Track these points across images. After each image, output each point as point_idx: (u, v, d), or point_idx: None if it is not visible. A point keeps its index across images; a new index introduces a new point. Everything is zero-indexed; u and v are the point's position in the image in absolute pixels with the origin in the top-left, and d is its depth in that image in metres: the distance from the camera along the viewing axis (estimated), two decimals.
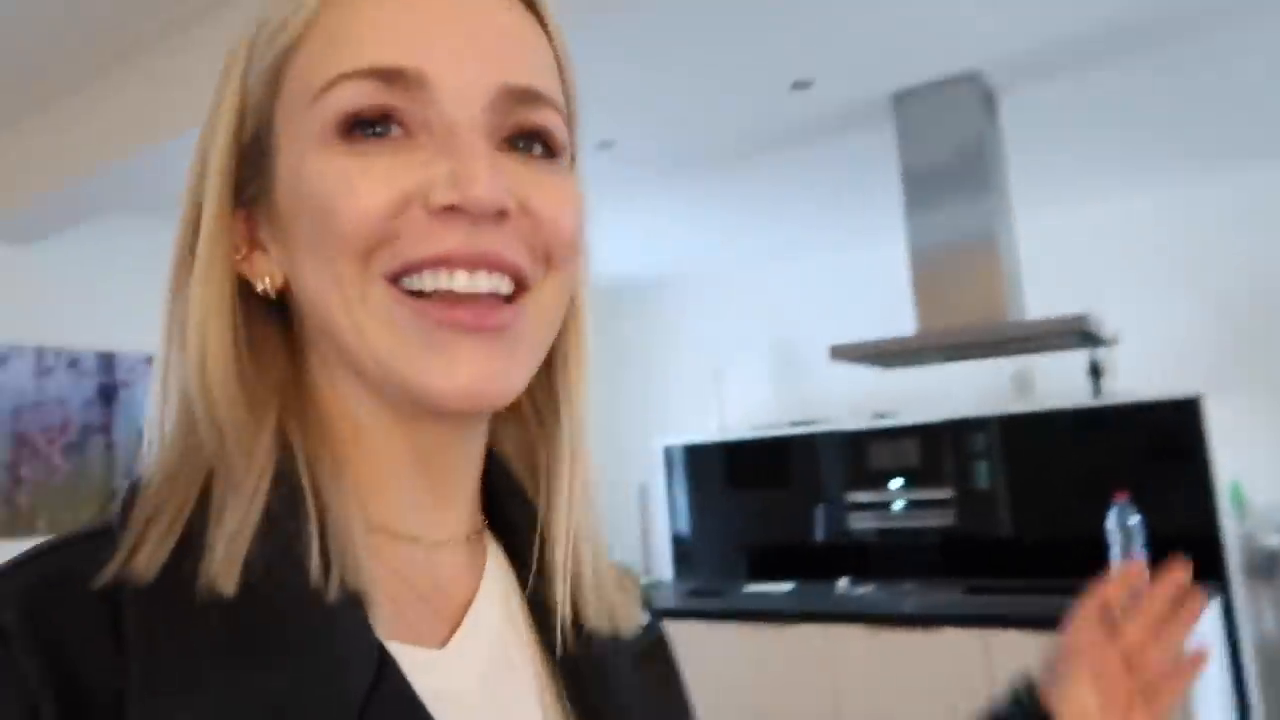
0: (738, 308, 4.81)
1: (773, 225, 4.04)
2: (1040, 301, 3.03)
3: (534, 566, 0.48)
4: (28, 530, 3.22)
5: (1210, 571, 3.27)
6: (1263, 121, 3.10)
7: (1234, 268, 3.63)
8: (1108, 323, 2.78)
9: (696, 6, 2.12)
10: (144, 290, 3.50)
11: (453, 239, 0.40)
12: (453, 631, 0.44)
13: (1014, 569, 3.70)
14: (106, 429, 3.48)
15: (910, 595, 3.46)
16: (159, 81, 2.43)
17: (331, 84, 0.40)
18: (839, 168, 3.31)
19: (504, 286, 0.41)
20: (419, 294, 0.40)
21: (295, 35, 0.42)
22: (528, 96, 0.42)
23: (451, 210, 0.39)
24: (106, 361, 3.49)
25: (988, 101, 2.70)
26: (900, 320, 2.95)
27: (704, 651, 3.39)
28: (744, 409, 4.69)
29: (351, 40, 0.41)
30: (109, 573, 0.36)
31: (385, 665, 0.38)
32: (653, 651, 0.53)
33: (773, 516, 4.38)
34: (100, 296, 3.48)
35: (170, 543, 0.37)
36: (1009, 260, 2.68)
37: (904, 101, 2.74)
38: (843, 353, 2.86)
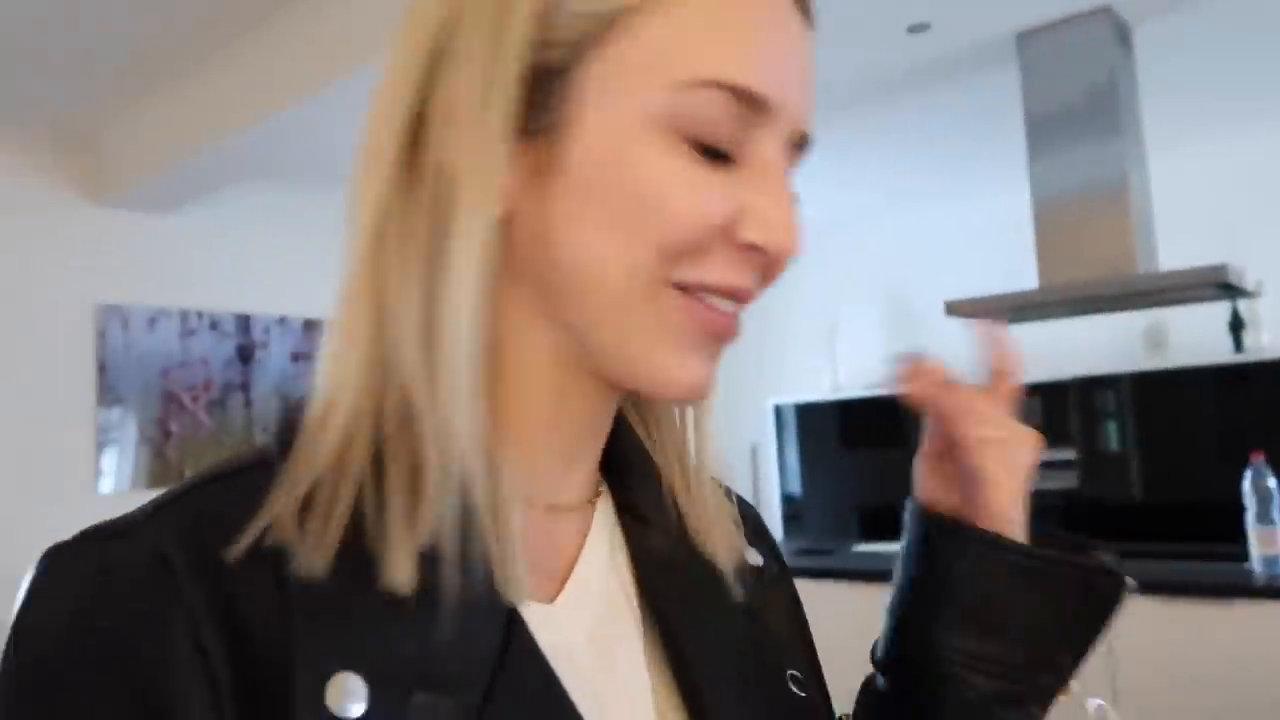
0: (852, 262, 4.72)
1: (887, 175, 3.93)
2: (1175, 251, 2.87)
3: (673, 519, 0.49)
4: (176, 481, 3.47)
5: None
6: None
7: None
8: (1250, 273, 2.61)
9: None
10: (277, 255, 3.68)
11: (747, 277, 0.42)
12: (561, 587, 0.45)
13: (1142, 534, 3.55)
14: (245, 387, 3.70)
15: None
16: (288, 48, 2.51)
17: (697, 84, 0.38)
18: (958, 113, 3.20)
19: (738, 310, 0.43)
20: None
21: None
22: (807, 145, 0.43)
23: (753, 247, 0.41)
24: (244, 323, 3.70)
25: (1121, 35, 2.55)
26: (1021, 273, 2.84)
27: (814, 610, 3.36)
28: (858, 366, 4.61)
29: (726, 38, 0.39)
30: (266, 517, 0.37)
31: (514, 624, 0.39)
32: (764, 594, 0.52)
33: (886, 477, 4.31)
34: (236, 260, 3.68)
35: (344, 519, 0.37)
36: (1141, 207, 2.54)
37: (1029, 41, 2.61)
38: (959, 308, 2.77)
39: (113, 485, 3.35)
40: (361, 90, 2.52)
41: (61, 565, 0.36)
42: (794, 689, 0.49)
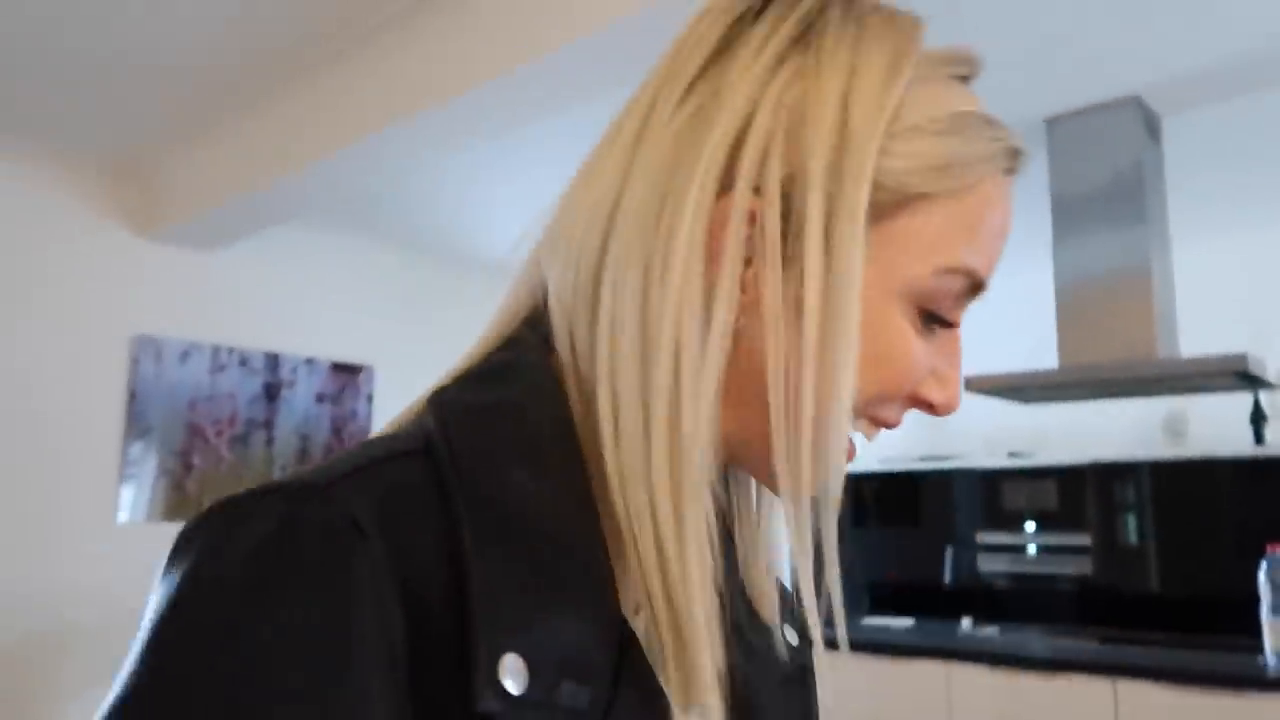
0: None
1: None
2: (1198, 339, 2.89)
3: (740, 584, 0.54)
4: (193, 514, 3.49)
5: None
6: None
7: None
8: (1271, 364, 2.62)
9: None
10: (309, 296, 3.73)
11: (902, 417, 0.48)
12: None
13: (1154, 623, 3.50)
14: (268, 424, 3.74)
15: (1036, 640, 3.33)
16: (343, 93, 2.57)
17: (952, 270, 0.44)
18: None
19: None
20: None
21: (965, 184, 0.44)
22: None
23: (929, 404, 0.47)
24: (272, 361, 3.76)
25: (1150, 125, 2.61)
26: (1042, 353, 2.87)
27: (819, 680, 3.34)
28: (873, 441, 4.61)
29: (980, 236, 0.45)
30: (450, 497, 0.40)
31: (625, 629, 0.42)
32: (800, 676, 0.57)
33: (900, 553, 4.28)
34: (271, 301, 3.76)
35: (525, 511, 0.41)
36: (1163, 293, 2.57)
37: (1058, 126, 2.68)
38: (979, 384, 2.80)
39: (129, 516, 3.38)
40: (417, 137, 2.59)
41: (243, 518, 0.37)
42: None
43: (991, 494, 4.03)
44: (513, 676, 0.37)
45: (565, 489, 0.42)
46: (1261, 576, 2.66)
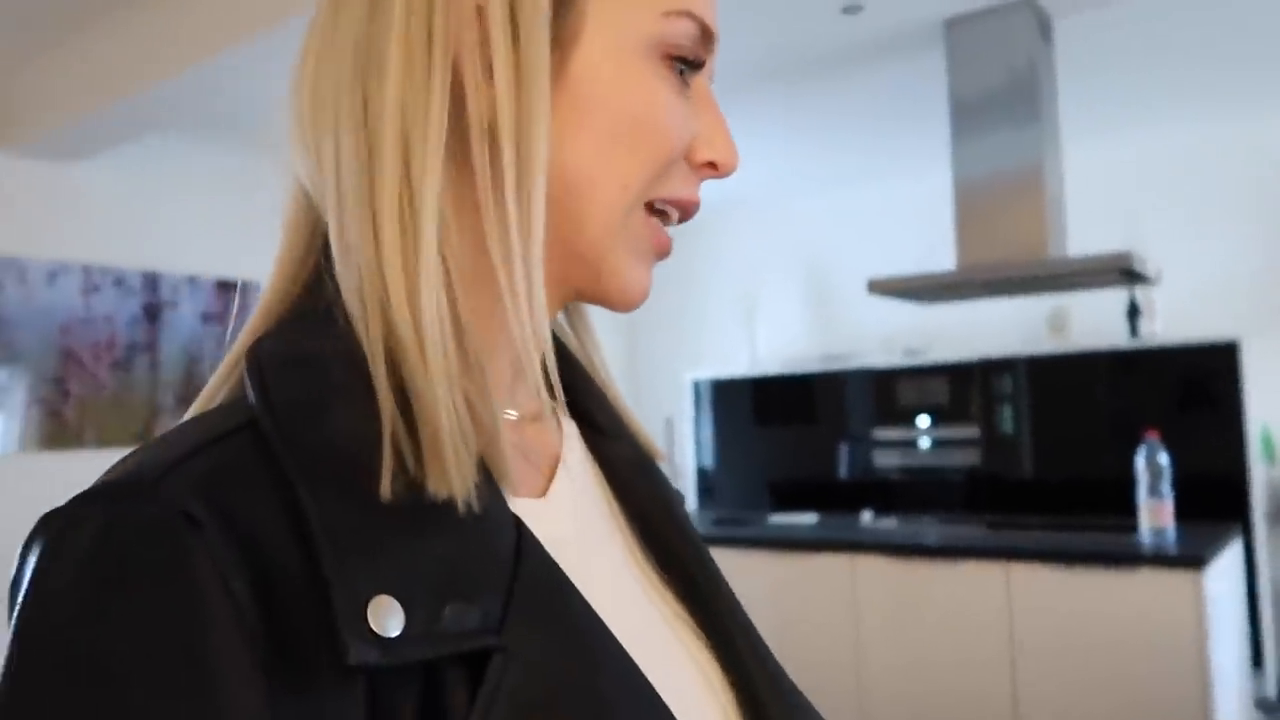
0: (774, 239, 4.78)
1: (815, 153, 3.99)
2: (1082, 236, 2.99)
3: (624, 428, 0.54)
4: (75, 443, 3.32)
5: (1234, 513, 3.28)
6: None
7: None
8: (1150, 261, 2.74)
9: None
10: (189, 211, 3.51)
11: (697, 190, 0.48)
12: (548, 484, 0.48)
13: (1037, 508, 3.73)
14: (151, 347, 3.55)
15: (932, 529, 3.50)
16: (202, 4, 2.41)
17: (679, 13, 0.44)
18: (887, 94, 3.26)
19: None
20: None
21: None
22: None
23: (710, 165, 0.47)
24: (151, 281, 3.55)
25: (1043, 27, 2.64)
26: (937, 253, 2.93)
27: (731, 577, 3.46)
28: (776, 342, 4.69)
29: None
30: (276, 465, 0.38)
31: (522, 527, 0.41)
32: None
33: (798, 452, 4.42)
34: (146, 216, 3.53)
35: (343, 431, 0.38)
36: (1054, 193, 2.65)
37: (956, 27, 2.69)
38: (881, 286, 2.85)
39: (0, 446, 3.19)
40: (284, 44, 2.43)
41: (66, 530, 0.35)
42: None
43: (886, 392, 4.17)
44: (387, 618, 0.35)
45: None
46: (1139, 460, 2.83)
